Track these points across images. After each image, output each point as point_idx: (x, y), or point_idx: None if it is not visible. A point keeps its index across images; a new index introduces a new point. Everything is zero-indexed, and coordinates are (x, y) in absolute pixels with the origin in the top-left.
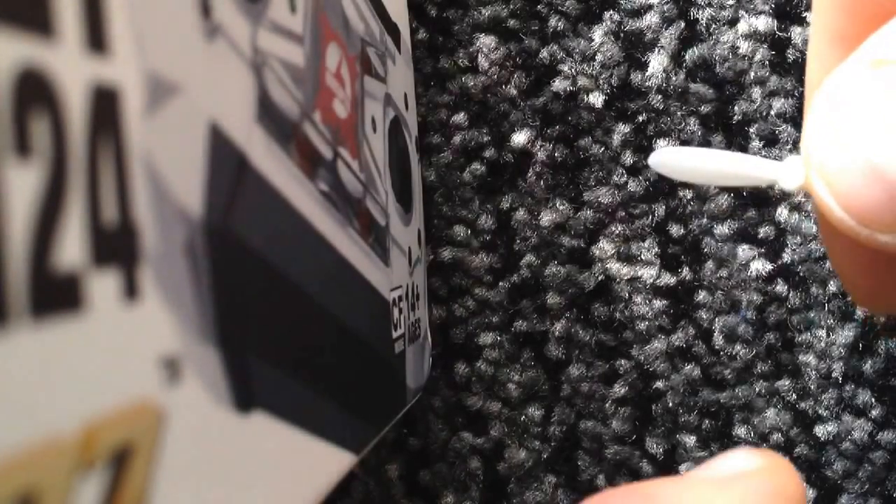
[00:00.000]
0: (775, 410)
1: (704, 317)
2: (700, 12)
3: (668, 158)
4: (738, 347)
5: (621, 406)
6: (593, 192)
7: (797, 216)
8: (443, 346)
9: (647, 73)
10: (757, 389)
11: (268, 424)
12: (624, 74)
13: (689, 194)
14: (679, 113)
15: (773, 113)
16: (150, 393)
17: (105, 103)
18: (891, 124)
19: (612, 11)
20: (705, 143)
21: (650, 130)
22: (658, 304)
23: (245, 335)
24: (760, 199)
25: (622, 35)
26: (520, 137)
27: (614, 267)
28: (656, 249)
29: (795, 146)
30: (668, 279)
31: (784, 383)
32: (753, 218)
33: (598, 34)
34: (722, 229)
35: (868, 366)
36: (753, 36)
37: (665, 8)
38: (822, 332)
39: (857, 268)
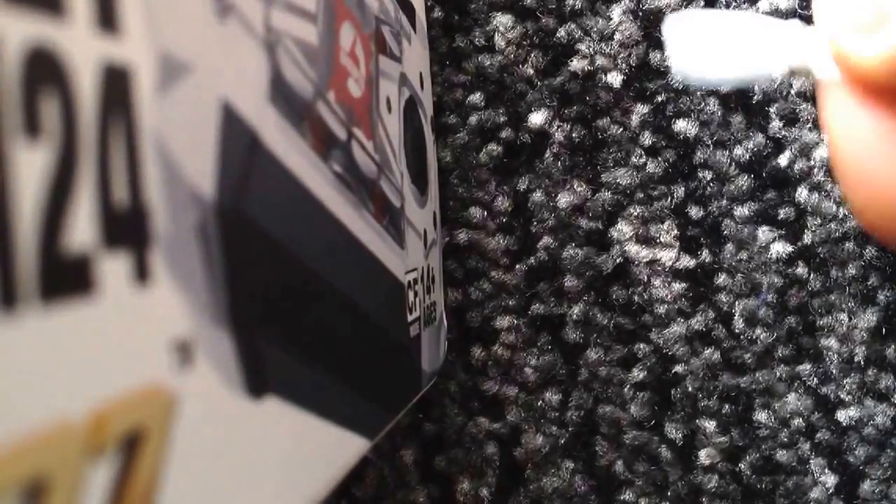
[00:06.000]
0: (796, 395)
1: (724, 300)
2: None
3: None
4: (758, 331)
5: (640, 391)
6: (611, 174)
7: (817, 196)
8: (458, 330)
9: (665, 53)
10: (778, 374)
11: (281, 409)
12: (643, 54)
13: (708, 175)
14: (698, 93)
15: (793, 92)
16: (162, 377)
17: (116, 83)
18: None
19: None
20: (725, 123)
21: (669, 110)
22: (677, 287)
23: (258, 318)
24: (780, 180)
25: (641, 14)
26: (537, 118)
27: (633, 249)
28: (675, 231)
29: (815, 125)
30: (687, 262)
31: (805, 367)
32: (773, 199)
33: (616, 13)
34: (742, 211)
35: (891, 350)
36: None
37: None
38: (844, 316)
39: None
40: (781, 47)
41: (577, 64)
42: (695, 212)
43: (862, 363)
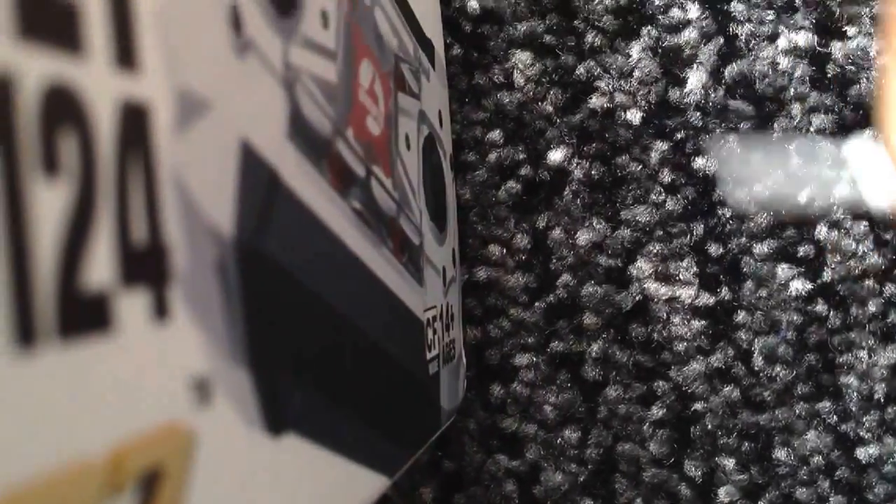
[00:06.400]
0: (816, 433)
1: (744, 337)
2: (739, 28)
3: None
4: (777, 369)
5: (659, 428)
6: (631, 211)
7: (836, 233)
8: (478, 368)
9: (685, 90)
10: (797, 411)
11: (299, 447)
12: (662, 91)
13: (727, 213)
14: (718, 130)
15: (812, 129)
16: (180, 415)
17: (134, 120)
18: None
19: (649, 27)
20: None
21: (689, 148)
22: (696, 324)
23: (277, 356)
24: (800, 218)
25: (660, 51)
26: (556, 155)
27: (652, 287)
28: (695, 269)
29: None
30: (706, 299)
31: (825, 405)
32: (793, 236)
33: (635, 50)
34: (761, 248)
35: None
36: (793, 51)
37: (704, 23)
38: (864, 353)
39: None
40: None
41: (596, 101)
42: (714, 249)
43: (882, 400)
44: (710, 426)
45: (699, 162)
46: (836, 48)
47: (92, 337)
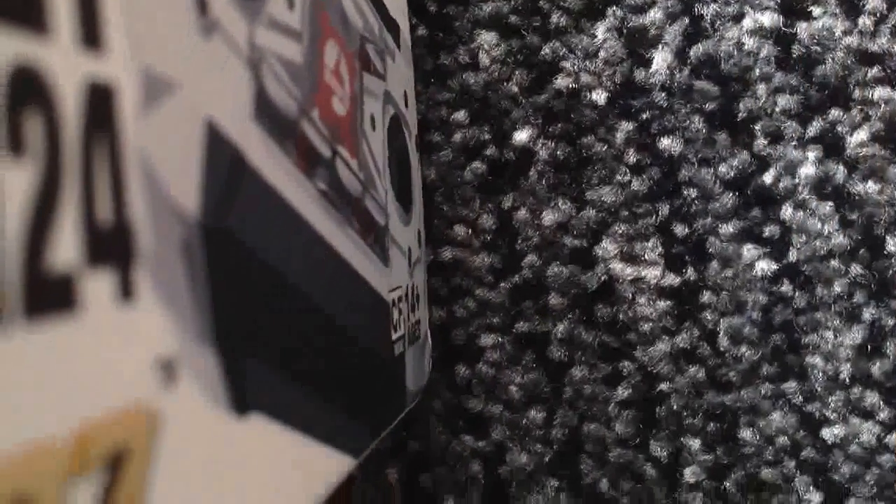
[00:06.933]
0: (781, 413)
1: (709, 318)
2: (705, 8)
3: None
4: (743, 349)
5: (624, 409)
6: (596, 192)
7: (802, 214)
8: (443, 348)
9: (650, 70)
10: (762, 392)
11: (265, 427)
12: (627, 71)
13: (693, 193)
14: (683, 111)
15: (777, 110)
16: (146, 396)
17: (100, 101)
18: None
19: (615, 7)
20: (709, 140)
21: (654, 128)
22: (662, 304)
23: (242, 336)
24: (765, 198)
25: (625, 31)
26: (521, 135)
27: (617, 267)
28: (660, 249)
29: (800, 143)
30: (672, 280)
31: (790, 385)
32: (758, 217)
33: (600, 30)
34: (727, 229)
35: (876, 367)
36: (759, 32)
37: (669, 4)
38: (829, 334)
39: None
40: None
41: (561, 81)
42: (679, 230)
43: (847, 381)
44: (675, 406)
45: (664, 142)
46: (802, 28)
47: (57, 317)
